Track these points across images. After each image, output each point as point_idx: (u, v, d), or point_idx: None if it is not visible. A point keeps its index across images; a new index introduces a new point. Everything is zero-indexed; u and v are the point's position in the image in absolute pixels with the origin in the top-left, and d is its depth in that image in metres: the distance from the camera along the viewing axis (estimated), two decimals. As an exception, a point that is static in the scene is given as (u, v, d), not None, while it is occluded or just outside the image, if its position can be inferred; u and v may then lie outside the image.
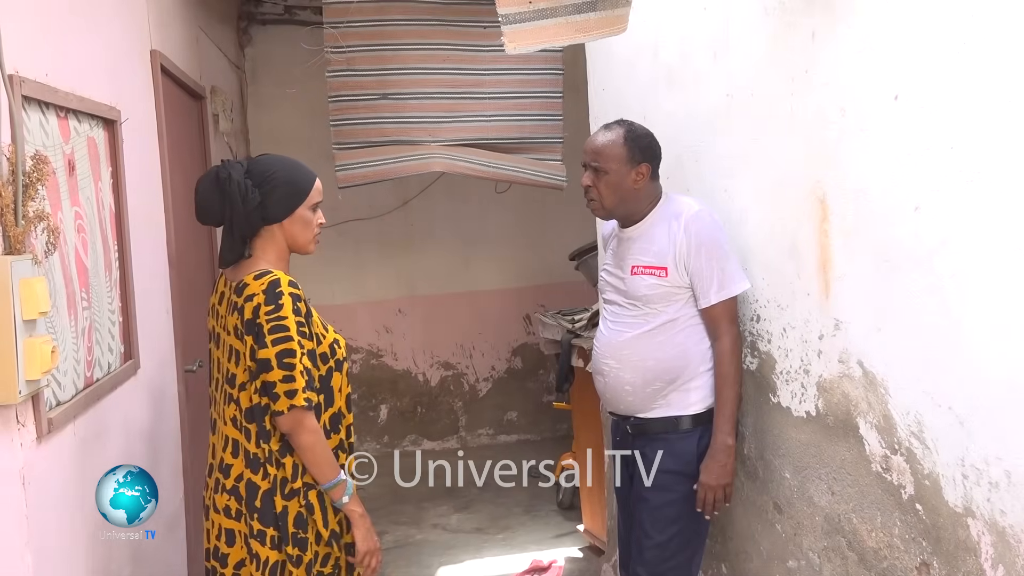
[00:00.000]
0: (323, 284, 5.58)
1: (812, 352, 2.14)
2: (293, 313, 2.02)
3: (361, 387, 5.81)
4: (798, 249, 2.17)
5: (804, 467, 2.19)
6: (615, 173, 2.40)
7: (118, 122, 2.54)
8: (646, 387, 2.41)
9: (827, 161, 2.03)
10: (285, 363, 2.00)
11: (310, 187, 2.16)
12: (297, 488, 2.06)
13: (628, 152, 2.40)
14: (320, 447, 2.05)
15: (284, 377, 2.00)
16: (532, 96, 4.44)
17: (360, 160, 4.31)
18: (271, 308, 2.00)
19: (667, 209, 2.40)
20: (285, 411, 2.00)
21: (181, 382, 3.11)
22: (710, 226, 2.35)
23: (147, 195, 2.89)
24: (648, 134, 2.46)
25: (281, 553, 2.05)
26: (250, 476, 2.06)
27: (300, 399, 2.00)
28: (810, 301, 2.13)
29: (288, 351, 2.00)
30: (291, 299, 2.03)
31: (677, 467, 2.39)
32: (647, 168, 2.41)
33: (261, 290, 2.01)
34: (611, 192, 2.41)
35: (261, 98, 5.48)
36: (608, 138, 2.43)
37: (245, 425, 2.07)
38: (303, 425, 2.02)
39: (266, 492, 2.05)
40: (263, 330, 2.00)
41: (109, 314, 2.43)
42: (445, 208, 5.75)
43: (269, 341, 1.99)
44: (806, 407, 2.18)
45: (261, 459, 2.06)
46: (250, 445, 2.06)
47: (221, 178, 2.07)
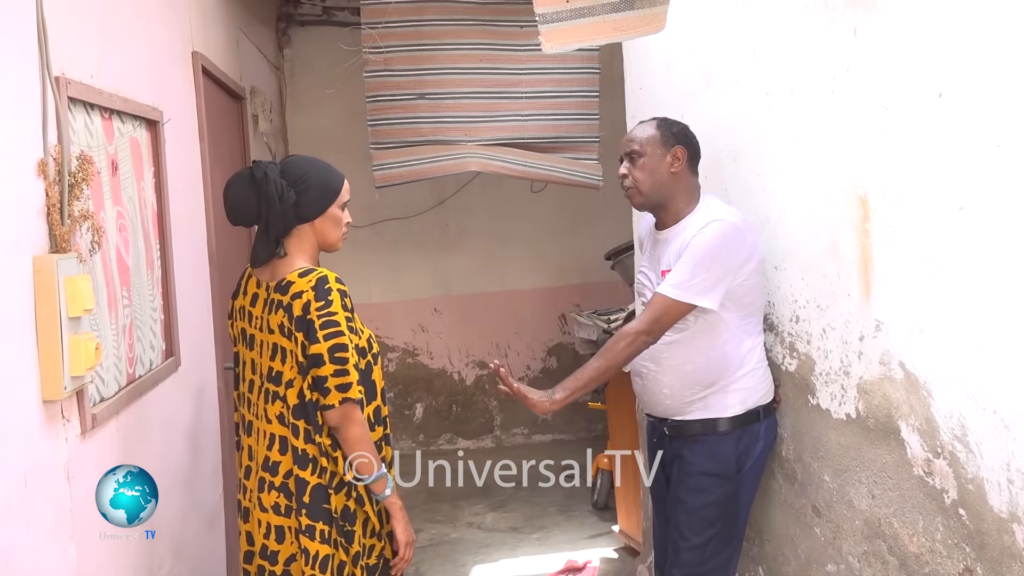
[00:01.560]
0: (360, 283, 5.62)
1: (853, 353, 2.11)
2: (342, 309, 2.08)
3: (397, 385, 5.85)
4: (839, 249, 2.14)
5: (844, 470, 2.16)
6: (650, 156, 2.41)
7: (160, 123, 2.59)
8: (684, 391, 2.39)
9: (869, 160, 2.00)
10: (337, 357, 2.04)
11: (340, 186, 2.21)
12: (347, 482, 2.10)
13: (662, 135, 2.42)
14: (367, 440, 2.09)
15: (336, 371, 2.04)
16: (568, 95, 4.43)
17: (397, 160, 4.34)
18: (321, 304, 2.05)
19: (703, 215, 2.37)
20: (336, 404, 2.05)
21: (221, 378, 3.16)
22: (714, 235, 2.30)
23: (188, 195, 2.93)
24: (682, 124, 2.48)
25: (331, 547, 2.08)
26: (298, 472, 2.09)
27: (354, 392, 2.05)
28: (851, 302, 2.11)
29: (340, 346, 2.05)
30: (339, 295, 2.08)
31: (715, 469, 2.37)
32: (682, 152, 2.40)
33: (310, 287, 2.06)
34: (647, 176, 2.41)
35: (299, 99, 5.53)
36: (642, 129, 2.47)
37: (293, 422, 2.10)
38: (352, 418, 2.07)
39: (316, 487, 2.08)
40: (314, 326, 2.04)
41: (151, 312, 2.47)
42: (481, 207, 5.76)
43: (321, 336, 2.04)
44: (846, 409, 2.15)
45: (311, 455, 2.09)
46: (298, 441, 2.09)
47: (257, 177, 2.11)
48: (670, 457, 2.48)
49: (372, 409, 2.17)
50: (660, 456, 2.52)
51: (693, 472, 2.40)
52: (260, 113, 4.35)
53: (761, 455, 2.41)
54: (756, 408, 2.38)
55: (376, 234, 5.60)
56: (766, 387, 2.42)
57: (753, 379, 2.38)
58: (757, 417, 2.38)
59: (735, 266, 2.30)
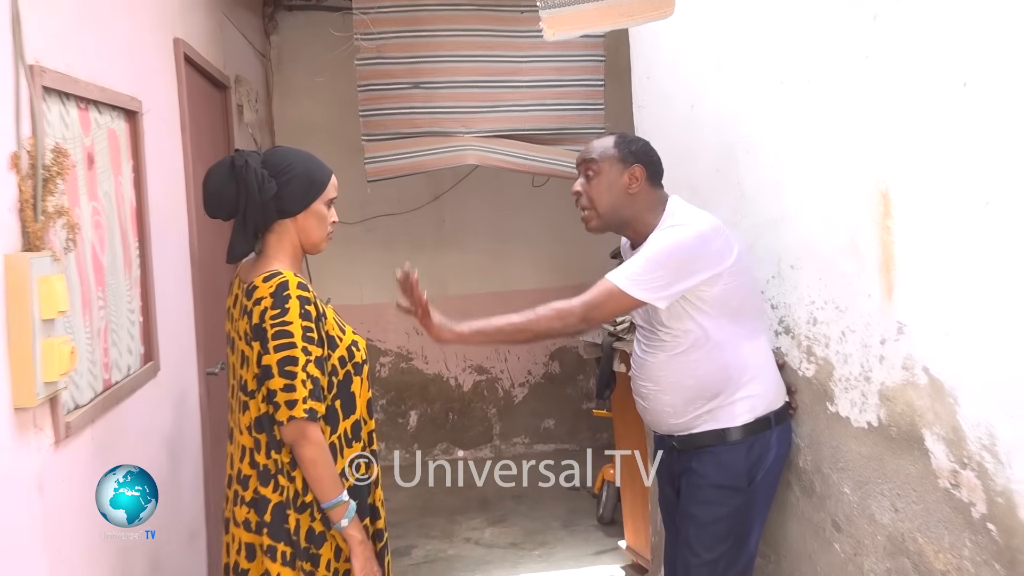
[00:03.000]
0: (350, 283, 5.62)
1: (874, 358, 2.11)
2: (300, 318, 2.03)
3: (390, 392, 5.85)
4: (858, 246, 2.14)
5: (865, 482, 2.16)
6: (606, 174, 2.41)
7: (140, 113, 2.59)
8: (688, 407, 2.40)
9: (890, 152, 2.00)
10: (286, 371, 2.01)
11: (327, 181, 2.19)
12: (309, 502, 2.07)
13: (619, 152, 2.42)
14: (323, 462, 2.04)
15: (285, 386, 2.01)
16: (572, 84, 4.44)
17: (390, 152, 4.35)
18: (276, 312, 2.02)
19: (667, 222, 2.37)
20: (285, 421, 2.01)
21: (202, 385, 3.16)
22: (673, 237, 2.30)
23: (169, 190, 2.93)
24: (642, 141, 2.48)
25: (295, 570, 2.06)
26: (260, 488, 2.07)
27: (300, 409, 2.00)
28: (871, 303, 2.11)
29: (290, 359, 2.01)
30: (299, 302, 2.03)
31: (726, 480, 2.37)
32: (640, 171, 2.40)
33: (269, 293, 2.03)
34: (603, 195, 2.41)
35: (287, 87, 5.54)
36: (599, 143, 2.47)
37: (256, 435, 2.09)
38: (305, 437, 2.02)
39: (276, 506, 2.06)
40: (267, 335, 2.01)
41: (128, 314, 2.47)
42: (479, 203, 5.76)
43: (272, 347, 2.01)
44: (867, 417, 2.15)
45: (272, 471, 2.07)
46: (260, 456, 2.08)
47: (237, 166, 2.09)
48: (679, 469, 2.49)
49: (350, 424, 2.14)
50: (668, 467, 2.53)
51: (703, 484, 2.40)
52: (245, 103, 4.35)
53: (774, 465, 2.41)
54: (767, 414, 2.38)
55: (368, 231, 5.60)
56: (776, 391, 2.42)
57: (760, 384, 2.39)
58: (768, 424, 2.38)
59: (695, 270, 2.28)
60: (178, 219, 3.04)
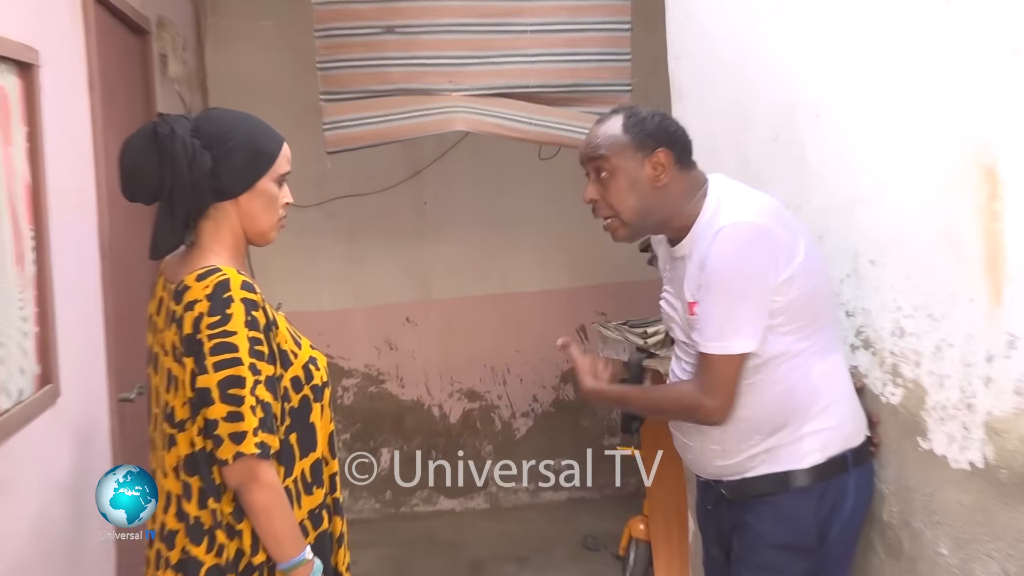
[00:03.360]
0: (306, 283, 5.63)
1: (977, 380, 2.11)
2: (246, 326, 2.01)
3: (355, 424, 5.86)
4: (956, 238, 2.14)
5: (967, 540, 2.17)
6: (623, 170, 2.39)
7: (36, 66, 2.59)
8: (740, 445, 2.40)
9: (997, 118, 2.00)
10: (230, 395, 1.98)
11: (277, 152, 2.18)
12: (259, 564, 2.06)
13: (632, 138, 2.38)
14: (279, 511, 2.03)
15: (229, 414, 1.98)
16: (590, 29, 4.44)
17: (357, 116, 4.35)
18: (216, 319, 1.99)
19: (712, 220, 2.35)
20: (230, 460, 1.98)
21: (115, 414, 3.16)
22: (730, 255, 2.29)
23: (74, 164, 2.94)
24: (657, 114, 2.44)
25: None
26: (190, 547, 2.05)
27: (250, 444, 1.98)
28: (974, 309, 2.11)
29: (235, 379, 1.99)
30: (244, 307, 2.02)
31: (790, 539, 2.38)
32: (665, 155, 2.38)
33: (205, 295, 2.01)
34: (625, 198, 2.40)
35: (224, 33, 5.54)
36: (603, 130, 2.43)
37: (185, 478, 2.07)
38: (256, 479, 2.00)
39: (212, 570, 2.04)
40: (203, 349, 1.99)
41: (20, 323, 2.48)
42: (470, 181, 5.77)
43: (210, 364, 1.98)
44: (969, 456, 2.16)
45: (206, 525, 2.05)
46: (190, 505, 2.06)
47: (161, 135, 2.07)
48: (730, 525, 2.49)
49: (309, 464, 2.14)
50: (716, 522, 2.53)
51: (760, 545, 2.40)
52: (170, 52, 4.35)
53: (852, 518, 2.42)
54: (843, 453, 2.39)
55: (328, 216, 5.61)
56: (854, 423, 2.42)
57: (835, 415, 2.38)
58: (844, 466, 2.39)
59: (771, 281, 2.29)
60: (85, 201, 3.04)
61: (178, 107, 4.54)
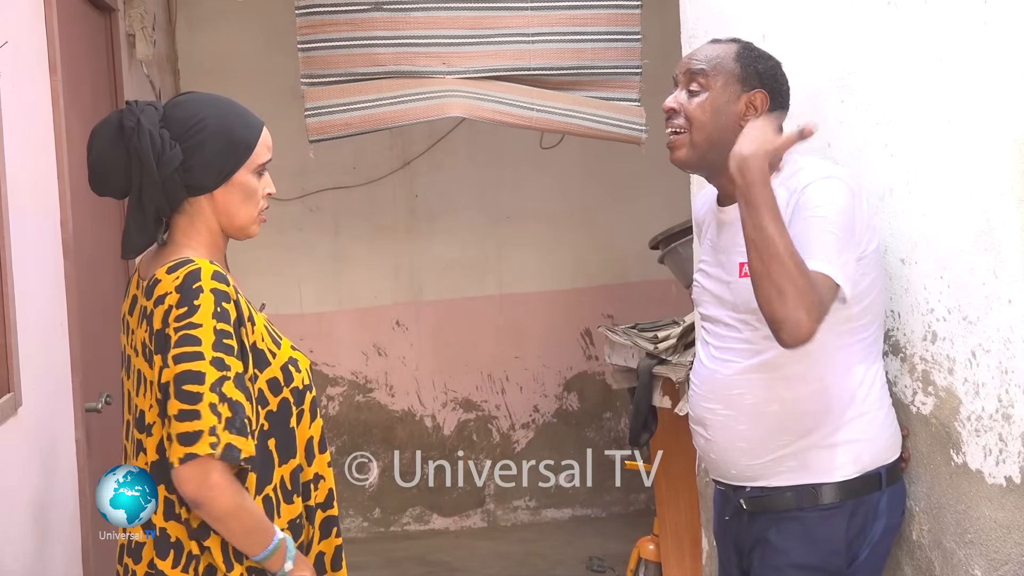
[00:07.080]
0: (286, 283, 5.62)
1: (1016, 388, 2.12)
2: (213, 318, 2.00)
3: (341, 436, 5.85)
4: (994, 233, 2.15)
5: (1003, 560, 2.17)
6: (718, 93, 2.40)
7: (-9, 47, 2.60)
8: (768, 442, 2.40)
9: (1039, 102, 2.01)
10: (185, 391, 1.97)
11: (255, 141, 2.17)
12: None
13: (740, 68, 2.41)
14: (245, 511, 2.03)
15: (181, 412, 1.97)
16: (595, 6, 4.44)
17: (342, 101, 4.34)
18: (183, 311, 1.99)
19: (790, 177, 2.36)
20: (176, 463, 1.97)
21: (81, 426, 3.16)
22: (841, 193, 2.29)
23: (33, 155, 2.94)
24: (772, 59, 2.47)
25: None
26: (156, 560, 2.06)
27: (204, 445, 1.95)
28: (1013, 312, 2.12)
29: (192, 374, 1.97)
30: (213, 298, 2.01)
31: (817, 560, 2.38)
32: (763, 98, 2.40)
33: (175, 287, 2.01)
34: (706, 118, 2.40)
35: (197, 11, 5.54)
36: (716, 49, 2.46)
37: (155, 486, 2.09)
38: (209, 486, 1.97)
39: None
40: (170, 343, 1.99)
41: (-22, 327, 2.48)
42: (465, 172, 5.77)
43: (171, 358, 1.98)
44: (1006, 471, 2.16)
45: (172, 536, 2.06)
46: (157, 516, 2.07)
47: (126, 127, 2.08)
48: (750, 543, 2.48)
49: (289, 471, 2.14)
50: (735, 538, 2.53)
51: (783, 565, 2.40)
52: (139, 32, 4.35)
53: (883, 540, 2.42)
54: (876, 470, 2.39)
55: (310, 211, 5.61)
56: (890, 437, 2.43)
57: (871, 425, 2.39)
58: (877, 483, 2.39)
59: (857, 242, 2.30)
60: (46, 196, 3.04)
61: (148, 92, 4.54)
